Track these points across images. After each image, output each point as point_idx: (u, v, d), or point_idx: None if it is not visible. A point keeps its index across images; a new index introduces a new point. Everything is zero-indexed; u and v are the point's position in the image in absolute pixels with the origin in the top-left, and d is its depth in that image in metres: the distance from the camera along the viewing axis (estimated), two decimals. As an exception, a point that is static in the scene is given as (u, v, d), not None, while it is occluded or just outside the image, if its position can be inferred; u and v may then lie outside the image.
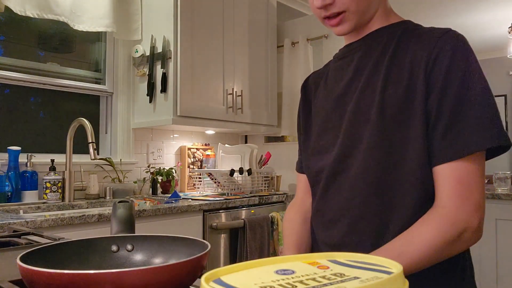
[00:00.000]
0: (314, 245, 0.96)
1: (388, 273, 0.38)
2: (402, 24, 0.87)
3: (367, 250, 0.79)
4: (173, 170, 2.70)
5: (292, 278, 0.38)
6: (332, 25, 0.85)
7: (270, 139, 3.24)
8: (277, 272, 0.40)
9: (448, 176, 0.73)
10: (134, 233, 0.75)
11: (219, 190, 2.68)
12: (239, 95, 2.76)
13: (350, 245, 0.83)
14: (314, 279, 0.37)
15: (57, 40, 2.45)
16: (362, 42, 0.88)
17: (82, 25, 2.30)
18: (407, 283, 0.37)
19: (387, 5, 0.89)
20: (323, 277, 0.38)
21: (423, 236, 0.72)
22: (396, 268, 0.39)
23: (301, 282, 0.37)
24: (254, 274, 0.40)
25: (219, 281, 0.38)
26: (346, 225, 0.83)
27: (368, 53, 0.86)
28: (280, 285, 0.36)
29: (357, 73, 0.86)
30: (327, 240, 0.88)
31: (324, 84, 0.96)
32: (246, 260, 2.22)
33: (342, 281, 0.36)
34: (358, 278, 0.37)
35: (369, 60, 0.85)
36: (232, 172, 2.49)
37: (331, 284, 0.36)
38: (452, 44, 0.75)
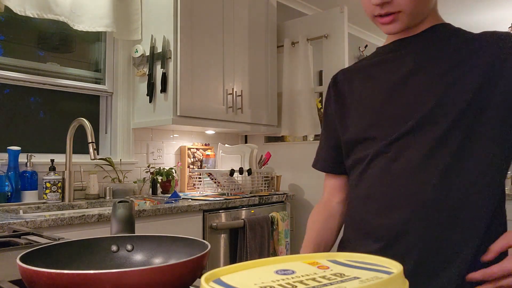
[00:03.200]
0: (357, 235, 0.92)
1: (388, 273, 0.38)
2: (450, 25, 0.90)
3: (433, 237, 0.79)
4: (173, 170, 2.70)
5: (292, 278, 0.38)
6: (384, 23, 0.86)
7: (270, 139, 3.24)
8: (277, 272, 0.40)
9: None
10: (134, 233, 0.75)
11: (219, 190, 2.68)
12: (239, 95, 2.76)
13: (416, 232, 0.81)
14: (314, 279, 0.37)
15: (57, 40, 2.45)
16: (419, 38, 0.89)
17: (82, 25, 2.30)
18: (407, 283, 0.37)
19: (436, 7, 0.91)
20: (323, 277, 0.38)
21: None
22: (396, 268, 0.39)
23: (301, 282, 0.37)
24: (254, 274, 0.40)
25: (219, 281, 0.38)
26: (410, 211, 0.82)
27: (428, 48, 0.87)
28: (280, 285, 0.36)
29: (416, 66, 0.87)
30: (383, 227, 0.85)
31: (366, 76, 0.95)
32: (246, 260, 2.22)
33: (342, 281, 0.36)
34: (358, 278, 0.37)
35: (430, 55, 0.86)
36: (232, 172, 2.49)
37: (331, 284, 0.36)
38: None
